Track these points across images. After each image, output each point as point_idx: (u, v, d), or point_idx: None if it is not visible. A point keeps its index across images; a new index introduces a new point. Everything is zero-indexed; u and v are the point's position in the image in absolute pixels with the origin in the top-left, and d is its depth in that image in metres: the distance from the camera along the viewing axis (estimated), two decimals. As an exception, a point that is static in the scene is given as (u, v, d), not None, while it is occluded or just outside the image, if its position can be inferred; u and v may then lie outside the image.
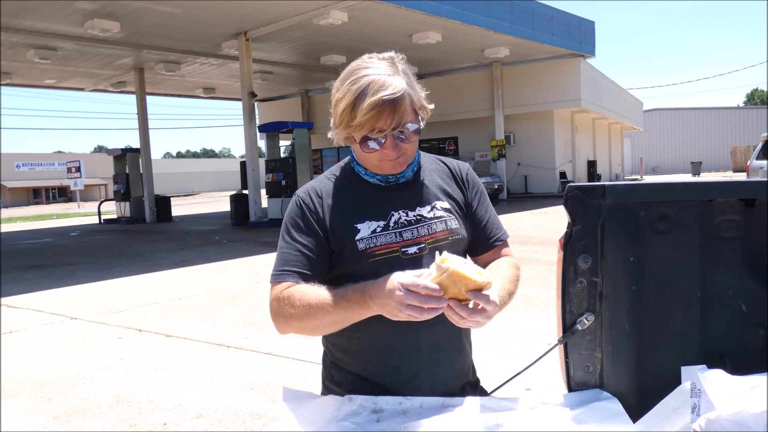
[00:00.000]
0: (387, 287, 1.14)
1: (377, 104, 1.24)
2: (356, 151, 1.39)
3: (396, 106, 1.26)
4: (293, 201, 1.42)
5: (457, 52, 18.76)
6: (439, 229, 1.39)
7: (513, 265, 1.44)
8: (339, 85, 1.31)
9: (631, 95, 34.18)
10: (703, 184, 1.25)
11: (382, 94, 1.24)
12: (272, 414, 3.22)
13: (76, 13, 12.75)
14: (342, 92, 1.29)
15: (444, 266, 1.10)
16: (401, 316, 1.13)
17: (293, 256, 1.35)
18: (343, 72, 1.33)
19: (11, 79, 19.14)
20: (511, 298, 1.37)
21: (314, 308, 1.24)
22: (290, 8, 13.10)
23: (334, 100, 1.32)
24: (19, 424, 3.26)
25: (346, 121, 1.28)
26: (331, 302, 1.23)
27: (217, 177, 64.16)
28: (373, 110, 1.24)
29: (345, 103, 1.27)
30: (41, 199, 51.25)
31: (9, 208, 42.28)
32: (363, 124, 1.26)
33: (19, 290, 7.37)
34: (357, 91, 1.25)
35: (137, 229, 16.86)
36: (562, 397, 1.30)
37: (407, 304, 1.11)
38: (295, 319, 1.28)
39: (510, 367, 3.04)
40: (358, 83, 1.26)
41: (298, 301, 1.27)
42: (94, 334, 5.15)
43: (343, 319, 1.26)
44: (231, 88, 23.00)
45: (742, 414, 1.08)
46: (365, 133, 1.28)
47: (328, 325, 1.28)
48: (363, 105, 1.24)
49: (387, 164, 1.35)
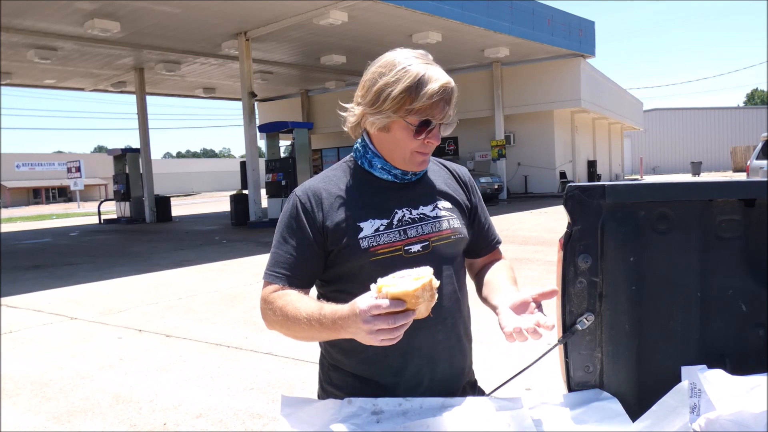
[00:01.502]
0: (351, 316, 1.11)
1: (440, 91, 1.27)
2: (386, 141, 1.36)
3: (450, 98, 1.31)
4: (290, 200, 1.40)
5: (457, 52, 18.75)
6: (443, 228, 1.39)
7: (510, 267, 1.52)
8: (383, 70, 1.30)
9: (631, 95, 34.17)
10: (703, 184, 1.25)
11: (443, 82, 1.27)
12: (272, 414, 3.22)
13: (76, 13, 12.75)
14: (394, 76, 1.27)
15: (383, 294, 1.07)
16: (374, 343, 1.11)
17: (284, 258, 1.35)
18: (383, 60, 1.32)
19: (11, 79, 19.12)
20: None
21: (290, 322, 1.27)
22: (290, 8, 13.09)
23: (379, 83, 1.29)
24: (19, 424, 3.26)
25: (401, 104, 1.27)
26: (305, 321, 1.23)
27: (217, 177, 64.13)
28: (436, 96, 1.26)
29: (403, 86, 1.26)
30: (41, 199, 51.24)
31: (9, 208, 42.27)
32: (424, 108, 1.27)
33: (19, 290, 7.37)
34: (416, 75, 1.26)
35: (137, 229, 16.86)
36: (562, 397, 1.29)
37: (376, 330, 1.08)
38: (276, 324, 1.32)
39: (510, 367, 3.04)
40: (414, 68, 1.27)
41: (279, 309, 1.30)
42: (94, 334, 5.15)
43: (319, 337, 1.28)
44: (231, 88, 22.99)
45: (742, 414, 1.08)
46: (423, 118, 1.29)
47: (307, 338, 1.30)
48: (426, 90, 1.25)
49: (418, 158, 1.36)
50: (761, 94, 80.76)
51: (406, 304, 1.07)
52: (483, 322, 4.87)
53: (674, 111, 54.40)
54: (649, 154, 52.22)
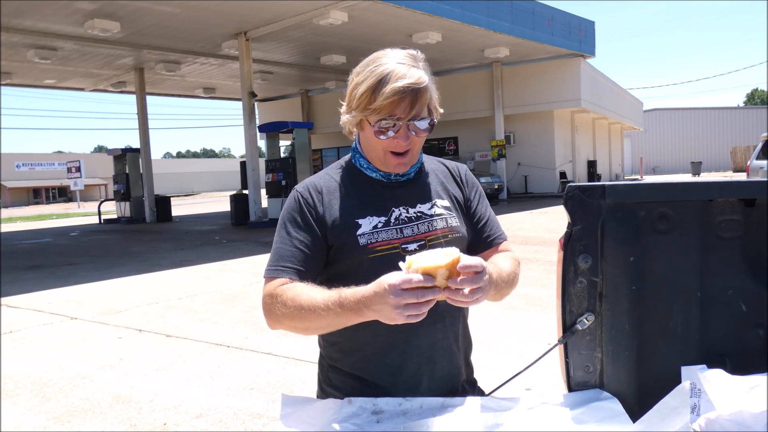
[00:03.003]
0: (378, 292, 1.11)
1: (400, 90, 1.24)
2: (363, 141, 1.38)
3: (416, 97, 1.26)
4: (291, 196, 1.40)
5: (457, 52, 18.76)
6: (439, 227, 1.38)
7: (514, 259, 1.44)
8: (359, 70, 1.32)
9: (631, 95, 34.17)
10: (703, 184, 1.25)
11: (406, 82, 1.25)
12: (272, 414, 3.22)
13: (76, 13, 12.75)
14: (363, 76, 1.29)
15: (413, 269, 1.09)
16: (400, 320, 1.10)
17: (289, 252, 1.33)
18: (365, 60, 1.33)
19: (11, 79, 19.12)
20: (512, 279, 1.37)
21: (305, 311, 1.22)
22: (290, 8, 13.10)
23: (352, 84, 1.32)
24: (19, 424, 3.26)
25: (364, 103, 1.27)
26: (322, 306, 1.20)
27: (217, 177, 64.14)
28: (395, 95, 1.24)
29: (366, 85, 1.26)
30: (41, 199, 51.24)
31: (9, 208, 42.27)
32: (382, 108, 1.26)
33: (19, 290, 7.37)
34: (380, 75, 1.25)
35: (137, 229, 16.86)
36: (562, 397, 1.29)
37: (404, 305, 1.08)
38: (286, 318, 1.26)
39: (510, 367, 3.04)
40: (381, 68, 1.27)
41: (290, 300, 1.25)
42: (94, 334, 5.14)
43: (335, 324, 1.23)
44: (231, 88, 22.99)
45: (742, 414, 1.08)
46: (381, 117, 1.27)
47: (319, 328, 1.28)
48: (385, 89, 1.24)
49: (392, 159, 1.34)
50: (761, 94, 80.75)
51: (435, 281, 1.09)
52: (483, 322, 4.89)
53: (674, 111, 54.40)
54: (649, 154, 52.22)
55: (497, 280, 1.28)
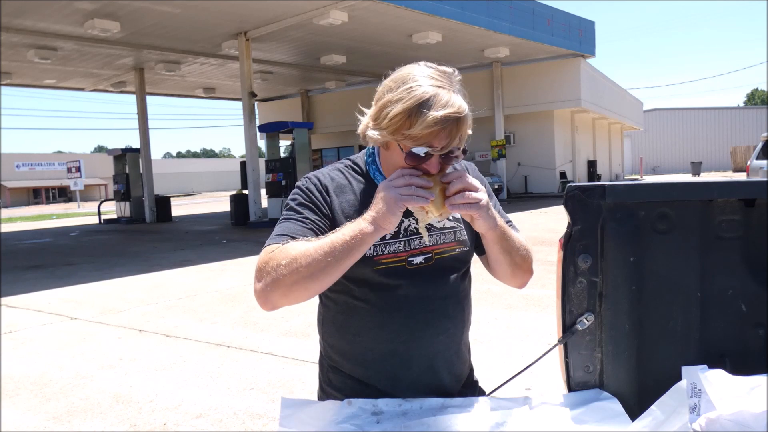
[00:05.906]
0: (375, 197, 1.17)
1: (442, 120, 1.14)
2: (385, 158, 1.31)
3: (457, 128, 1.17)
4: (298, 184, 1.35)
5: (457, 52, 18.76)
6: (447, 240, 1.36)
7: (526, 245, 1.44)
8: (392, 85, 1.21)
9: (631, 95, 34.18)
10: (703, 184, 1.25)
11: (448, 111, 1.14)
12: (272, 414, 3.22)
13: (76, 13, 12.75)
14: (397, 94, 1.17)
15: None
16: (399, 202, 1.13)
17: (297, 226, 1.26)
18: (398, 73, 1.23)
19: (11, 79, 19.14)
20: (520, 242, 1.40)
21: (301, 257, 1.15)
22: (290, 8, 13.10)
23: (383, 99, 1.20)
24: (19, 424, 3.26)
25: (397, 126, 1.17)
26: (317, 246, 1.15)
27: (217, 177, 64.14)
28: (436, 126, 1.14)
29: (402, 107, 1.15)
30: (41, 199, 51.24)
31: (9, 208, 42.27)
32: (420, 136, 1.16)
33: (19, 290, 7.37)
34: (419, 99, 1.15)
35: (137, 229, 16.86)
36: (562, 397, 1.29)
37: (402, 185, 1.14)
38: (279, 274, 1.15)
39: (510, 367, 3.04)
40: (420, 90, 1.16)
41: (282, 252, 1.17)
42: (93, 334, 5.14)
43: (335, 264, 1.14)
44: (231, 88, 23.00)
45: (743, 414, 1.08)
46: (417, 146, 1.18)
47: (317, 277, 1.15)
48: (426, 117, 1.14)
49: None
50: (761, 94, 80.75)
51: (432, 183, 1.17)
52: (483, 321, 4.89)
53: (674, 111, 54.41)
54: (649, 154, 52.23)
55: (501, 226, 1.29)
